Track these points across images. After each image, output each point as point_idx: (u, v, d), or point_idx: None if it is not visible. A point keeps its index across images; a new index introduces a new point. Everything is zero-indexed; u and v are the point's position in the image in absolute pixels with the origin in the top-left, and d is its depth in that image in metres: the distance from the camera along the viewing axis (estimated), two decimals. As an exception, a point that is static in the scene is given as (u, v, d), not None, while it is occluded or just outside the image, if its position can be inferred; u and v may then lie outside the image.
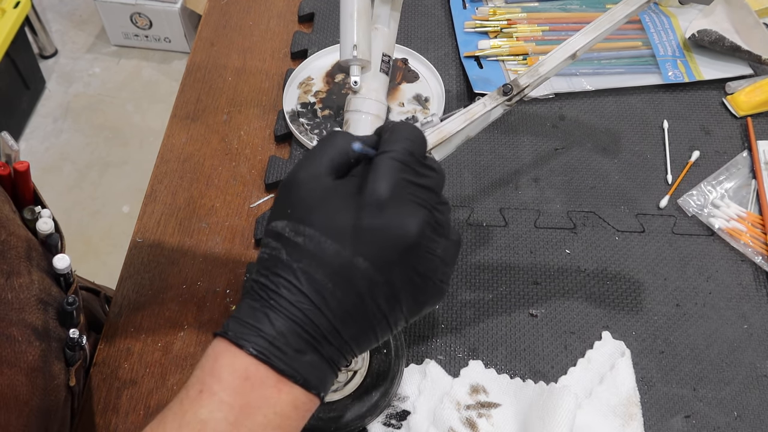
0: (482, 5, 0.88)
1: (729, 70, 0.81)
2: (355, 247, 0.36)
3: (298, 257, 0.36)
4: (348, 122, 0.53)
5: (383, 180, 0.37)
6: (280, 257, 0.37)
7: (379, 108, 0.53)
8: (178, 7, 2.00)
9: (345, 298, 0.36)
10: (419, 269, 0.38)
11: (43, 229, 0.54)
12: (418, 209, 0.38)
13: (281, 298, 0.36)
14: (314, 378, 0.37)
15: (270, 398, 0.36)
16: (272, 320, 0.36)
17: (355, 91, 0.53)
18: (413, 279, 0.38)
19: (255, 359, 0.36)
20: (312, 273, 0.36)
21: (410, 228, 0.37)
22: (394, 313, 0.38)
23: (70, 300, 0.53)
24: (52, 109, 2.07)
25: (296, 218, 0.37)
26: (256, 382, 0.36)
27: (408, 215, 0.37)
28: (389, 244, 0.37)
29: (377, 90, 0.53)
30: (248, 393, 0.35)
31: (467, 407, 0.57)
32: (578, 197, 0.71)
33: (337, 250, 0.36)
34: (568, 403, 0.54)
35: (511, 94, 0.52)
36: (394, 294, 0.38)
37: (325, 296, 0.36)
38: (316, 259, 0.36)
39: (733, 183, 0.72)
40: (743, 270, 0.66)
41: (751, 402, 0.59)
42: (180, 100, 0.81)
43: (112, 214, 1.84)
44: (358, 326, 0.37)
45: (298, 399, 0.37)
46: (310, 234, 0.36)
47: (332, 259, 0.36)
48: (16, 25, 1.82)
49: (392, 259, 0.37)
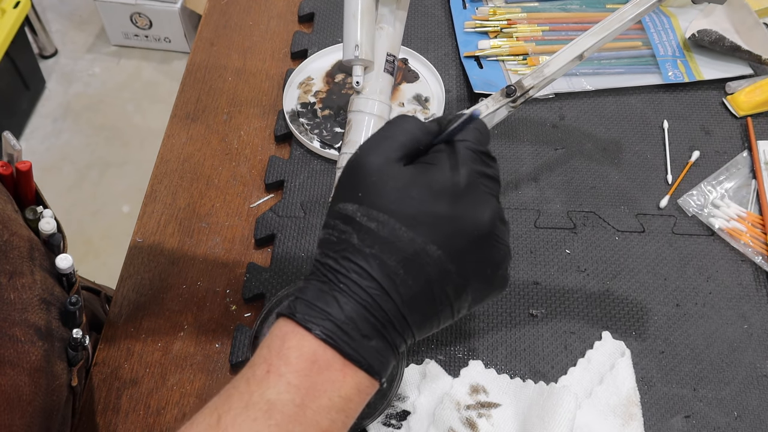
0: (482, 5, 0.88)
1: (729, 70, 0.81)
2: (430, 234, 0.36)
3: (371, 242, 0.36)
4: (350, 122, 0.53)
5: (462, 168, 0.37)
6: (350, 241, 0.37)
7: (382, 109, 0.52)
8: (178, 7, 2.00)
9: (415, 284, 0.36)
10: (490, 258, 0.38)
11: (45, 229, 0.54)
12: (490, 199, 0.38)
13: (351, 282, 0.36)
14: (377, 363, 0.37)
15: (335, 382, 0.36)
16: (341, 304, 0.36)
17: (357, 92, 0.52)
18: (483, 268, 0.38)
19: (323, 343, 0.36)
20: (384, 259, 0.36)
21: (484, 217, 0.37)
22: (460, 301, 0.38)
23: (73, 300, 0.53)
24: (52, 110, 2.07)
25: (369, 203, 0.37)
26: (323, 366, 0.36)
27: (482, 204, 0.37)
28: (463, 233, 0.37)
29: (381, 90, 0.52)
30: (315, 376, 0.36)
31: (467, 407, 0.57)
32: (578, 197, 0.71)
33: (411, 237, 0.36)
34: (568, 403, 0.54)
35: (515, 95, 0.51)
36: (462, 283, 0.38)
37: (396, 282, 0.36)
38: (389, 245, 0.36)
39: (733, 183, 0.72)
40: (743, 270, 0.66)
41: (751, 402, 0.59)
42: (180, 100, 0.81)
43: (112, 214, 1.84)
44: (423, 313, 0.38)
45: (362, 383, 0.37)
46: (383, 220, 0.36)
47: (406, 246, 0.36)
48: (16, 25, 1.82)
49: (465, 247, 0.37)
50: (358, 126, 0.52)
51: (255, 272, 0.66)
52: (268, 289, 0.65)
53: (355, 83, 0.52)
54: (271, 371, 0.36)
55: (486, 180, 0.38)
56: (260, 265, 0.66)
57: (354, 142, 0.53)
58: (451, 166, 0.37)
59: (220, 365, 0.61)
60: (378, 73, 0.52)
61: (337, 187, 0.40)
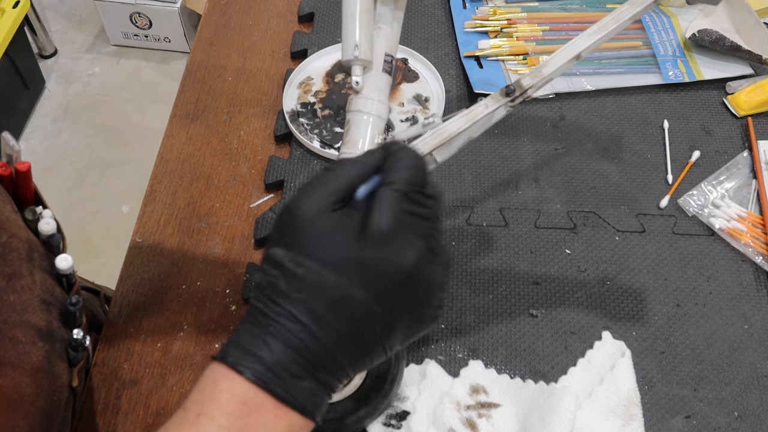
0: (482, 5, 0.87)
1: (729, 69, 0.81)
2: (354, 279, 0.37)
3: (298, 287, 0.37)
4: (349, 122, 0.53)
5: (385, 214, 0.38)
6: (279, 286, 0.38)
7: (380, 109, 0.52)
8: (177, 6, 2.00)
9: (343, 327, 0.37)
10: (416, 298, 0.39)
11: (45, 229, 0.54)
12: (416, 240, 0.38)
13: (280, 326, 0.37)
14: (311, 403, 0.38)
15: (267, 423, 0.37)
16: (271, 347, 0.37)
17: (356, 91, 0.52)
18: (410, 307, 0.39)
19: (253, 385, 0.36)
20: (311, 303, 0.37)
21: (408, 260, 0.38)
22: (390, 340, 0.39)
23: (74, 300, 0.53)
24: (51, 109, 2.07)
25: (296, 249, 0.38)
26: (253, 407, 0.36)
27: (406, 247, 0.38)
28: (387, 276, 0.37)
29: (379, 90, 0.52)
30: (246, 417, 0.36)
31: (467, 407, 0.57)
32: (578, 197, 0.71)
33: (336, 282, 0.37)
34: (568, 404, 0.54)
35: (514, 95, 0.52)
36: (391, 322, 0.38)
37: (323, 325, 0.37)
38: (315, 290, 0.37)
39: (734, 183, 0.72)
40: (744, 270, 0.66)
41: (752, 402, 0.59)
42: (180, 100, 0.81)
43: (112, 214, 1.84)
44: (354, 353, 0.38)
45: (295, 423, 0.38)
46: (310, 266, 0.37)
47: (331, 291, 0.37)
48: (16, 25, 1.82)
49: (390, 289, 0.38)
50: (358, 126, 0.52)
51: (255, 272, 0.65)
52: (268, 289, 0.64)
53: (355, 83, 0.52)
54: (202, 414, 0.36)
55: (416, 220, 0.39)
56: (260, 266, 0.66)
57: (353, 142, 0.53)
58: (375, 211, 0.38)
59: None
60: (377, 73, 0.52)
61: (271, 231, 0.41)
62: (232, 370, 0.37)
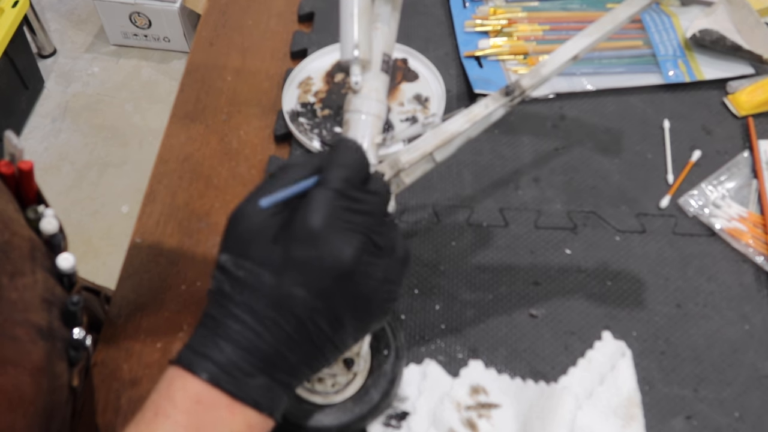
0: (482, 5, 0.87)
1: (730, 69, 0.81)
2: (294, 278, 0.38)
3: (241, 290, 0.39)
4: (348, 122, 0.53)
5: (315, 212, 0.39)
6: (224, 289, 0.40)
7: (379, 108, 0.53)
8: (177, 6, 1.99)
9: (287, 325, 0.39)
10: (358, 292, 0.40)
11: (47, 229, 0.53)
12: (352, 236, 0.39)
13: (228, 327, 0.39)
14: (265, 400, 0.39)
15: (224, 419, 0.38)
16: (221, 348, 0.38)
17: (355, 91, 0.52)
18: (354, 302, 0.40)
19: (206, 383, 0.38)
20: (253, 304, 0.39)
21: (344, 256, 0.39)
22: (339, 335, 0.40)
23: (75, 300, 0.53)
24: (50, 109, 2.07)
25: (236, 252, 0.40)
26: (208, 405, 0.38)
27: (342, 243, 0.39)
28: (325, 273, 0.39)
29: (378, 90, 0.53)
30: (202, 414, 0.38)
31: (467, 408, 0.57)
32: (579, 197, 0.71)
33: (274, 282, 0.38)
34: (568, 404, 0.54)
35: (514, 95, 0.52)
36: (336, 318, 0.40)
37: (267, 326, 0.39)
38: (255, 291, 0.39)
39: (734, 183, 0.72)
40: (744, 270, 0.66)
41: (753, 403, 0.59)
42: (179, 100, 0.80)
43: (112, 214, 1.84)
44: (303, 350, 0.40)
45: (252, 419, 0.39)
46: (250, 268, 0.39)
47: (271, 291, 0.38)
48: (15, 25, 1.82)
49: (330, 285, 0.39)
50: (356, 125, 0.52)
51: (255, 272, 0.65)
52: (267, 289, 0.64)
53: (354, 83, 0.52)
54: (159, 413, 0.38)
55: (352, 215, 0.40)
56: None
57: None
58: (304, 210, 0.39)
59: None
60: (375, 73, 0.52)
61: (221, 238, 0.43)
62: (186, 371, 0.38)
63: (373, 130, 0.52)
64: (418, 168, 0.53)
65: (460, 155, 0.74)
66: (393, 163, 0.52)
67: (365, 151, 0.44)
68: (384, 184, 0.43)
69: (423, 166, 0.53)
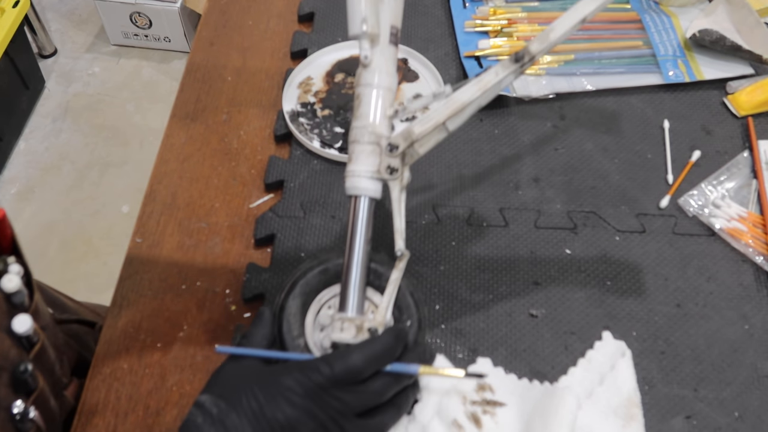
0: (482, 5, 0.87)
1: (730, 69, 0.81)
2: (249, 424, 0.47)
3: (211, 422, 0.47)
4: (359, 97, 0.53)
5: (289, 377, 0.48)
6: (196, 421, 0.47)
7: (390, 81, 0.53)
8: (177, 6, 2.00)
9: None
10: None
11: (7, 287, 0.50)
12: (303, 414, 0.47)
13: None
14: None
15: None
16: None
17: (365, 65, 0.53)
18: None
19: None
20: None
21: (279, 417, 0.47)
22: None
23: (21, 369, 0.50)
24: (51, 109, 2.07)
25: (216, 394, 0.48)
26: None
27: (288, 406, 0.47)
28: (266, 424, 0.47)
29: (387, 62, 0.53)
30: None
31: (473, 402, 0.57)
32: (579, 197, 0.71)
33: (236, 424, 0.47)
34: (570, 405, 0.54)
35: (523, 61, 0.52)
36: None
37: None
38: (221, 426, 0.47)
39: (734, 183, 0.72)
40: (744, 270, 0.66)
41: (753, 402, 0.59)
42: (180, 100, 0.81)
43: (112, 214, 1.84)
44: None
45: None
46: (222, 406, 0.47)
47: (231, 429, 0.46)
48: (15, 25, 1.82)
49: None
50: (368, 99, 0.52)
51: (255, 272, 0.65)
52: (267, 289, 0.64)
53: (363, 57, 0.52)
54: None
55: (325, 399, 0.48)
56: (260, 266, 0.66)
57: (364, 115, 0.53)
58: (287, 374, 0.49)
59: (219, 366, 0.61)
60: (384, 46, 0.53)
61: None
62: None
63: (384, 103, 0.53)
64: (431, 138, 0.53)
65: (460, 155, 0.74)
66: (407, 135, 0.52)
67: None
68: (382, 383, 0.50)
69: (436, 135, 0.54)
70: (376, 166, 0.53)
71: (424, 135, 0.53)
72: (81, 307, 0.77)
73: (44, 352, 0.55)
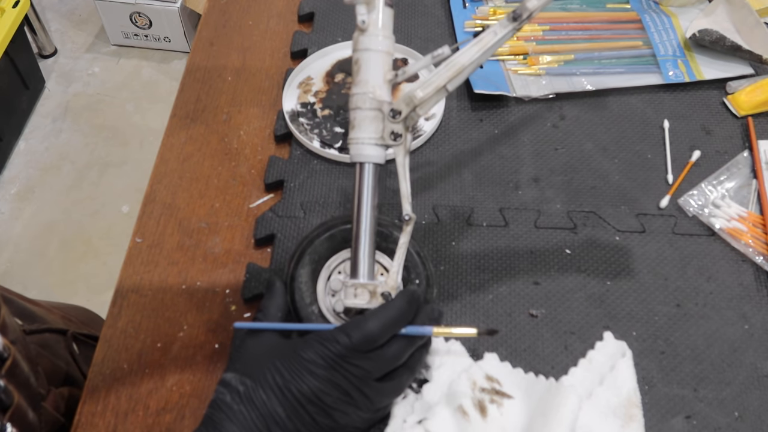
0: (482, 5, 0.87)
1: (730, 69, 0.81)
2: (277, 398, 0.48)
3: (239, 400, 0.48)
4: (359, 62, 0.53)
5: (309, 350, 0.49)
6: (225, 399, 0.49)
7: (388, 44, 0.53)
8: (177, 6, 2.00)
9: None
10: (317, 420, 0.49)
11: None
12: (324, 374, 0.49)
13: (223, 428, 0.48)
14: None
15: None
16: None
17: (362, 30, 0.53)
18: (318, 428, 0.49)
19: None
20: (245, 413, 0.48)
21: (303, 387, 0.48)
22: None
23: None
24: (51, 109, 2.07)
25: (241, 371, 0.50)
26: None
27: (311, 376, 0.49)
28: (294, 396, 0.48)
29: (384, 26, 0.53)
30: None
31: (482, 390, 0.57)
32: (578, 197, 0.71)
33: (264, 400, 0.48)
34: (572, 404, 0.53)
35: (522, 19, 0.52)
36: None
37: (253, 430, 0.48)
38: (250, 402, 0.48)
39: (734, 183, 0.72)
40: (744, 270, 0.66)
41: (752, 402, 0.59)
42: (180, 100, 0.81)
43: (112, 214, 1.84)
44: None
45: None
46: (249, 384, 0.49)
47: (260, 405, 0.48)
48: (15, 25, 1.82)
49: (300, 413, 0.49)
50: (367, 64, 0.53)
51: (255, 272, 0.65)
52: (267, 289, 0.64)
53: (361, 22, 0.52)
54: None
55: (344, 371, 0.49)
56: (260, 266, 0.66)
57: (365, 81, 0.53)
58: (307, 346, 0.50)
59: (220, 365, 0.61)
60: (380, 9, 0.53)
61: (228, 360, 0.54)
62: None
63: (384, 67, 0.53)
64: (431, 100, 0.54)
65: (460, 155, 0.74)
66: (408, 100, 0.52)
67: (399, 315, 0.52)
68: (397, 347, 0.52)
69: (435, 97, 0.54)
70: (380, 133, 0.54)
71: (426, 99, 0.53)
72: (50, 313, 0.75)
73: (16, 366, 0.55)
